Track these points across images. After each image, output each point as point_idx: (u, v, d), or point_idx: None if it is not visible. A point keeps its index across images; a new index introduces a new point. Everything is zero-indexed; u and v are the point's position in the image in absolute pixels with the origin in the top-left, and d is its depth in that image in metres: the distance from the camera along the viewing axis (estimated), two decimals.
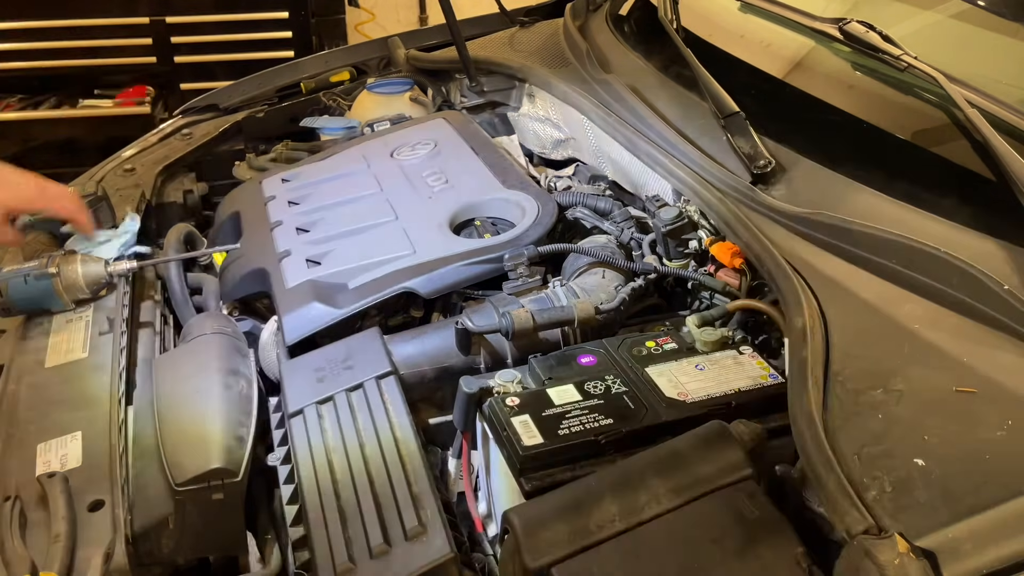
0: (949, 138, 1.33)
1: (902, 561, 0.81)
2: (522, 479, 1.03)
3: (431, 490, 1.08)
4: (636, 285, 1.38)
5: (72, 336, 1.38)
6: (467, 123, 1.93)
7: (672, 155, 1.49)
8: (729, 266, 1.34)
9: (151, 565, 1.10)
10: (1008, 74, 1.42)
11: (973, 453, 0.93)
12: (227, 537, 1.14)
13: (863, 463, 0.93)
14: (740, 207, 1.34)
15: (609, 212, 1.63)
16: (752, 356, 1.20)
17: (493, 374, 1.20)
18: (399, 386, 1.24)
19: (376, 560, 1.02)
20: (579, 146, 1.88)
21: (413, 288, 1.42)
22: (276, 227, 1.64)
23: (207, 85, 2.55)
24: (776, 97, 1.56)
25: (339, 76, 2.38)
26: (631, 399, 1.11)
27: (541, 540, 0.93)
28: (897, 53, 1.38)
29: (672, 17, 1.79)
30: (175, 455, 1.14)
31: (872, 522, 0.85)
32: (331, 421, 1.21)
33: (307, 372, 1.30)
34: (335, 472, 1.13)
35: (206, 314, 1.52)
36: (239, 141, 2.18)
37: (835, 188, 1.33)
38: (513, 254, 1.41)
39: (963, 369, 1.03)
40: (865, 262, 1.20)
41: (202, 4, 3.67)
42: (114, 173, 1.93)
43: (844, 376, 1.03)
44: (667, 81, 1.72)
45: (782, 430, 1.08)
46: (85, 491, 1.09)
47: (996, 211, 1.18)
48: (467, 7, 2.36)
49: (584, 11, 2.14)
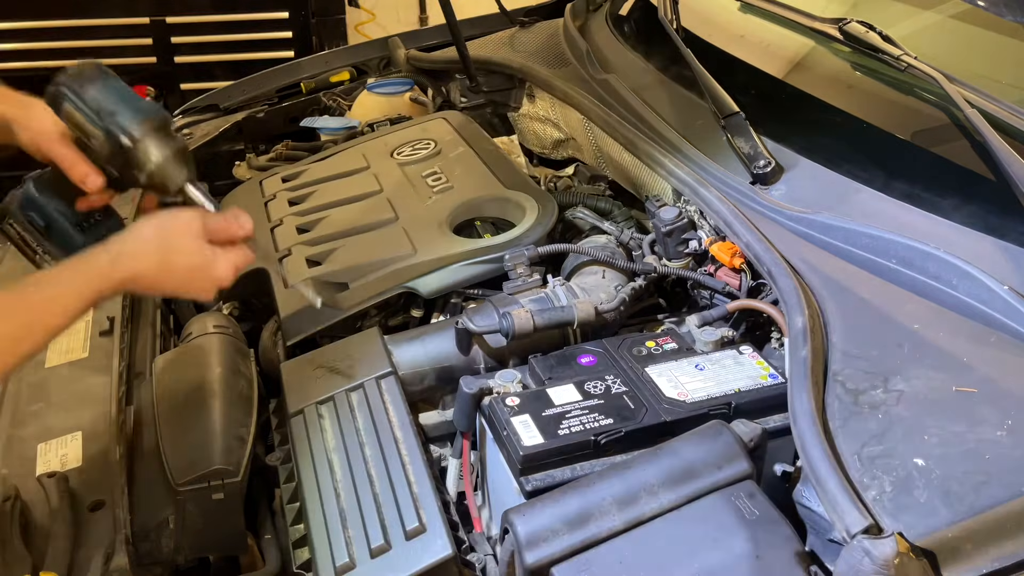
0: (949, 138, 1.33)
1: (902, 561, 0.81)
2: (522, 479, 1.03)
3: (431, 490, 1.08)
4: (636, 285, 1.38)
5: (72, 336, 1.38)
6: (467, 123, 1.93)
7: (672, 155, 1.49)
8: (729, 266, 1.34)
9: (151, 565, 1.10)
10: (1008, 74, 1.42)
11: (973, 453, 0.93)
12: (227, 537, 1.14)
13: (863, 463, 0.93)
14: (740, 207, 1.34)
15: (609, 212, 1.63)
16: (752, 356, 1.20)
17: (493, 374, 1.20)
18: (399, 386, 1.25)
19: (376, 560, 1.02)
20: (579, 146, 1.88)
21: (413, 288, 1.42)
22: (276, 227, 1.64)
23: (207, 85, 2.56)
24: (776, 97, 1.56)
25: (339, 76, 2.38)
26: (631, 399, 1.11)
27: (541, 540, 0.93)
28: (897, 53, 1.38)
29: (672, 17, 1.79)
30: (175, 455, 1.14)
31: (872, 522, 0.85)
32: (331, 421, 1.21)
33: (307, 372, 1.30)
34: (335, 472, 1.14)
35: (206, 314, 1.52)
36: (239, 141, 2.18)
37: (835, 188, 1.33)
38: (513, 254, 1.41)
39: (963, 369, 1.03)
40: (865, 262, 1.20)
41: (202, 4, 3.66)
42: None
43: (844, 376, 1.03)
44: (667, 81, 1.72)
45: (782, 430, 1.08)
46: (85, 491, 1.09)
47: (996, 211, 1.18)
48: (467, 7, 2.36)
49: (584, 11, 2.14)
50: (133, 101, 1.07)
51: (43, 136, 1.09)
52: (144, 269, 0.99)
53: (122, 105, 1.06)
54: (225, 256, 1.04)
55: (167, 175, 1.06)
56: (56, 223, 1.15)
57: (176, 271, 1.01)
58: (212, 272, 1.03)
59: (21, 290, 0.93)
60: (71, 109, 1.06)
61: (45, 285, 0.94)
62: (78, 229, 1.16)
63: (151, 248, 1.00)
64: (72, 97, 1.06)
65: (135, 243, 1.00)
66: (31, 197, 1.15)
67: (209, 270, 1.03)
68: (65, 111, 1.07)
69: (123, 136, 1.04)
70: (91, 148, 1.07)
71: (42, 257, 1.17)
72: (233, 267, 1.05)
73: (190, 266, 1.02)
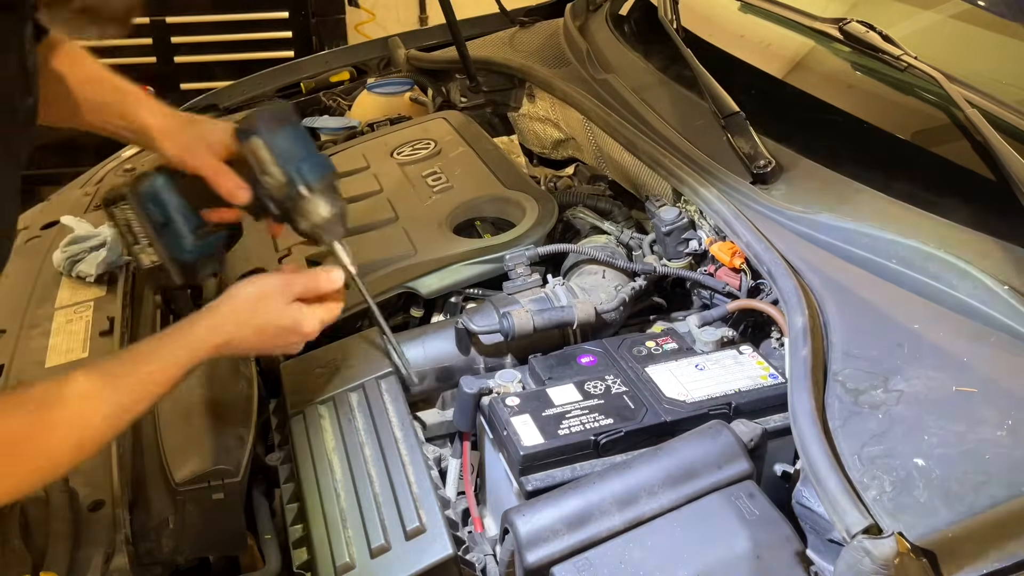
0: (949, 138, 1.33)
1: (902, 561, 0.81)
2: (522, 479, 1.03)
3: (431, 490, 1.08)
4: (636, 285, 1.38)
5: (72, 336, 1.38)
6: (467, 123, 1.93)
7: (672, 155, 1.49)
8: (729, 266, 1.34)
9: (151, 565, 1.10)
10: (1008, 74, 1.42)
11: (973, 453, 0.93)
12: (227, 537, 1.14)
13: (863, 463, 0.93)
14: (740, 207, 1.34)
15: (609, 212, 1.63)
16: (752, 356, 1.20)
17: (493, 374, 1.20)
18: (399, 386, 1.25)
19: (376, 560, 1.02)
20: (579, 146, 1.88)
21: (413, 288, 1.42)
22: None
23: (207, 85, 2.55)
24: (776, 97, 1.56)
25: (339, 76, 2.38)
26: (631, 399, 1.11)
27: (541, 540, 0.93)
28: (897, 53, 1.38)
29: (672, 17, 1.79)
30: (175, 455, 1.14)
31: (872, 522, 0.85)
32: (331, 421, 1.21)
33: (307, 372, 1.30)
34: (335, 472, 1.14)
35: None
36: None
37: (835, 188, 1.33)
38: (513, 254, 1.41)
39: (963, 369, 1.03)
40: (865, 262, 1.20)
41: (202, 4, 3.66)
42: (114, 173, 1.93)
43: (844, 376, 1.04)
44: (667, 81, 1.72)
45: (782, 430, 1.08)
46: (85, 491, 1.09)
47: (996, 211, 1.18)
48: (467, 7, 2.36)
49: (584, 11, 2.14)
50: (315, 153, 1.14)
51: (196, 150, 1.15)
52: (240, 335, 1.05)
53: (307, 155, 1.13)
54: (313, 313, 1.09)
55: (326, 231, 1.15)
56: (174, 223, 1.18)
57: (268, 334, 1.07)
58: (301, 330, 1.08)
59: (131, 361, 0.97)
60: (260, 145, 1.11)
61: (154, 357, 0.98)
62: (193, 235, 1.19)
63: (246, 316, 1.05)
64: (265, 134, 1.11)
65: (232, 313, 1.05)
66: (156, 192, 1.17)
67: (298, 329, 1.08)
68: (252, 144, 1.12)
69: (302, 186, 1.11)
70: (260, 182, 1.12)
71: (142, 248, 1.20)
72: (320, 323, 1.10)
73: (281, 328, 1.07)
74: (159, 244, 1.18)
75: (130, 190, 1.17)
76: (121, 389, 0.94)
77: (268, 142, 1.11)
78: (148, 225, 1.18)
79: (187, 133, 1.16)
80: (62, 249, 1.53)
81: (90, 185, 1.89)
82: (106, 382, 0.93)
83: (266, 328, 1.06)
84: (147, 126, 1.16)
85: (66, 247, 1.53)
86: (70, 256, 1.51)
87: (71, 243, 1.53)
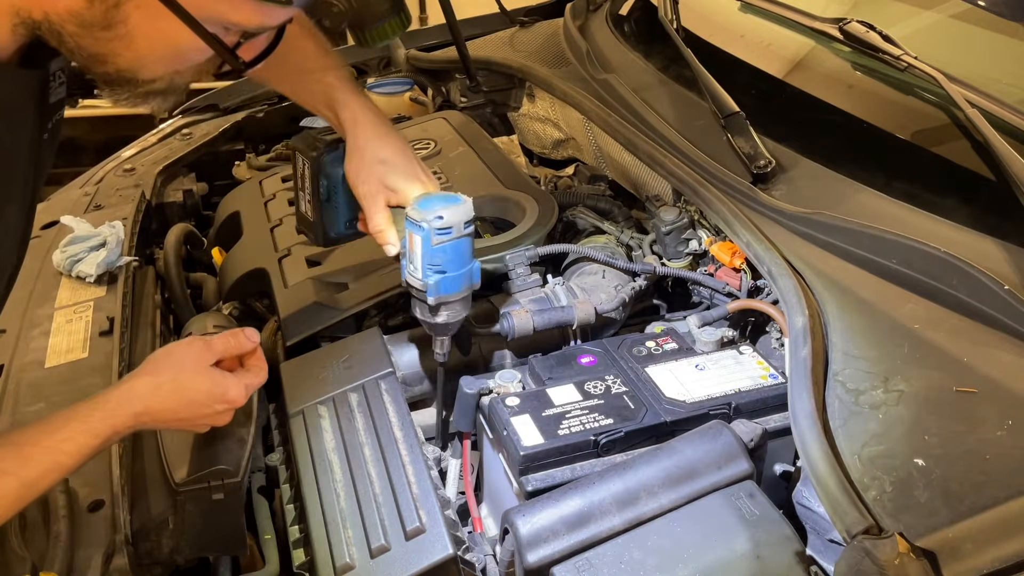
0: (949, 138, 1.33)
1: (902, 561, 0.81)
2: (522, 479, 1.03)
3: (431, 490, 1.08)
4: (636, 285, 1.38)
5: (72, 336, 1.37)
6: (467, 123, 1.93)
7: (672, 155, 1.49)
8: (729, 266, 1.34)
9: (151, 565, 1.10)
10: (1008, 74, 1.42)
11: (973, 453, 0.93)
12: (227, 537, 1.14)
13: (863, 463, 0.93)
14: (740, 207, 1.34)
15: (609, 212, 1.63)
16: (752, 356, 1.20)
17: (493, 374, 1.20)
18: (399, 386, 1.25)
19: (376, 560, 1.02)
20: (579, 146, 1.88)
21: None
22: (276, 227, 1.64)
23: (207, 85, 2.55)
24: (776, 97, 1.56)
25: None
26: (631, 399, 1.11)
27: (541, 540, 0.93)
28: (897, 53, 1.38)
29: (672, 17, 1.79)
30: (175, 455, 1.14)
31: (872, 522, 0.85)
32: (331, 421, 1.21)
33: (307, 372, 1.30)
34: (335, 472, 1.13)
35: (206, 314, 1.52)
36: (239, 141, 2.18)
37: (835, 188, 1.32)
38: (513, 254, 1.41)
39: (963, 369, 1.03)
40: (865, 262, 1.20)
41: None
42: (114, 173, 1.93)
43: (844, 376, 1.03)
44: (667, 81, 1.72)
45: (782, 430, 1.08)
46: (85, 491, 1.09)
47: (996, 211, 1.18)
48: (467, 7, 2.36)
49: (584, 11, 2.14)
50: (464, 268, 1.14)
51: (369, 187, 1.17)
52: (159, 402, 1.01)
53: (453, 272, 1.13)
54: (236, 381, 1.07)
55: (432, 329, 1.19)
56: (336, 207, 1.27)
57: (189, 400, 1.03)
58: (226, 396, 1.05)
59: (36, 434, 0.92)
60: (418, 242, 1.10)
61: (58, 426, 0.93)
62: (345, 224, 1.29)
63: (164, 381, 1.02)
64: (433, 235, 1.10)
65: (150, 380, 1.02)
66: (333, 171, 1.25)
67: (223, 396, 1.05)
68: (412, 236, 1.11)
69: (432, 297, 1.12)
70: (403, 263, 1.15)
71: (304, 197, 1.28)
72: (246, 388, 1.08)
73: (203, 394, 1.04)
74: (317, 210, 1.27)
75: (314, 158, 1.25)
76: (27, 462, 0.89)
77: (426, 244, 1.10)
78: (316, 191, 1.26)
79: (372, 172, 1.17)
80: (62, 249, 1.53)
81: (90, 185, 1.89)
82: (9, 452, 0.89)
83: (186, 393, 1.02)
84: (344, 132, 1.21)
85: (66, 247, 1.53)
86: (70, 256, 1.51)
87: (71, 243, 1.54)
